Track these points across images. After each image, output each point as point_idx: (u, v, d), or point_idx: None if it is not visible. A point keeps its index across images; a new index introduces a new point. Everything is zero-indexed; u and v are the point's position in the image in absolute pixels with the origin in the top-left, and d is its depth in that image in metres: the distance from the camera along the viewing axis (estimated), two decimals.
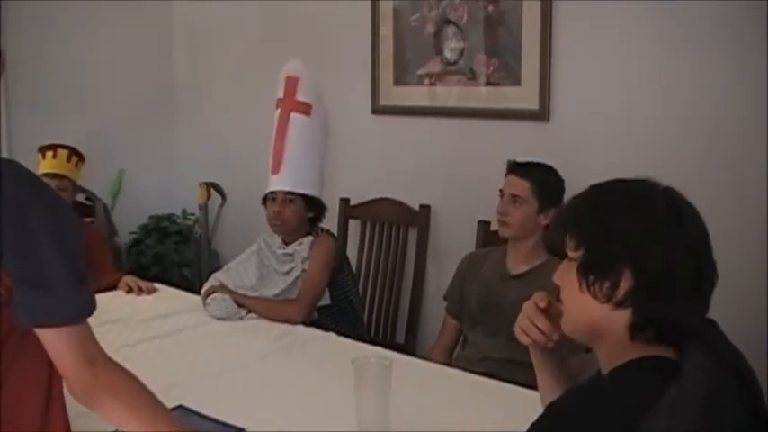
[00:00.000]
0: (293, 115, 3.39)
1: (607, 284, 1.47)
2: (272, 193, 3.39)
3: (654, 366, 1.44)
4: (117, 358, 2.72)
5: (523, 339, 1.79)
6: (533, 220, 3.06)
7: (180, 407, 2.31)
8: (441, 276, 3.95)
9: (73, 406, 1.80)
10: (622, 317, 1.47)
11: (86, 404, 1.66)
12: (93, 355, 1.65)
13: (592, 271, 1.49)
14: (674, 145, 3.31)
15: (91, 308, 1.68)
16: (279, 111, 3.44)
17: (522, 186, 3.06)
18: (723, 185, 3.18)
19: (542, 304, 1.73)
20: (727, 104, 3.24)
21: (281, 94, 3.45)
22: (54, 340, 1.62)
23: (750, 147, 3.16)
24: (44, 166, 3.94)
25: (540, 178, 3.07)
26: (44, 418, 1.71)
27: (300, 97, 3.41)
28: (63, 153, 3.96)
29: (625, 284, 1.45)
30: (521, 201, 3.05)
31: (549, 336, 1.74)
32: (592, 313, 1.51)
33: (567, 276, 1.56)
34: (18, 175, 1.60)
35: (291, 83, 3.43)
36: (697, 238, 1.49)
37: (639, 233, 1.45)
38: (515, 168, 3.12)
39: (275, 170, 3.38)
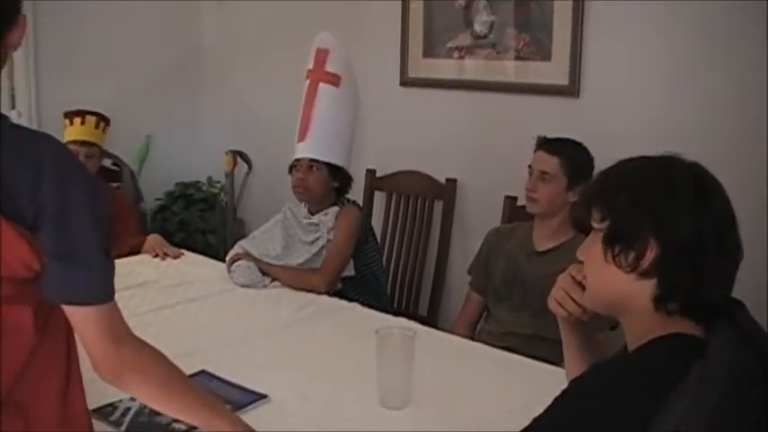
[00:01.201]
0: (321, 85, 3.38)
1: (632, 254, 1.47)
2: (296, 160, 3.39)
3: (680, 344, 1.44)
4: (141, 323, 2.77)
5: (558, 311, 1.78)
6: (562, 197, 3.04)
7: (203, 372, 2.33)
8: (465, 250, 3.94)
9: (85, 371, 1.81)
10: (647, 288, 1.48)
11: (113, 382, 1.66)
12: (121, 333, 1.64)
13: (617, 241, 1.50)
14: (704, 128, 3.27)
15: (114, 290, 1.66)
16: (308, 81, 3.43)
17: (551, 163, 3.04)
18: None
19: (579, 277, 1.72)
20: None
21: (310, 65, 3.44)
22: (83, 318, 1.61)
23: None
24: (72, 132, 3.95)
25: (570, 155, 3.05)
26: (64, 396, 1.71)
27: (330, 68, 3.40)
28: (91, 120, 3.98)
29: (650, 254, 1.46)
30: (549, 177, 3.03)
31: (583, 308, 1.73)
32: (616, 284, 1.52)
33: (591, 249, 1.57)
34: (57, 152, 1.59)
35: (321, 54, 3.42)
36: (722, 212, 1.48)
37: (665, 203, 1.46)
38: (545, 144, 3.09)
39: (301, 138, 3.38)
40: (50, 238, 1.54)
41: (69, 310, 1.61)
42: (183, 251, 3.77)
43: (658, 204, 1.46)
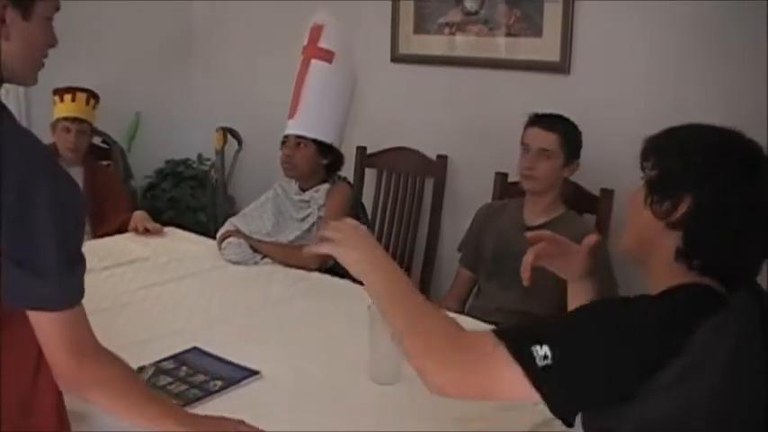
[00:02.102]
0: (314, 61, 3.36)
1: (667, 204, 1.56)
2: (285, 136, 3.38)
3: (705, 292, 1.52)
4: (133, 300, 2.78)
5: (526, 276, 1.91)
6: (558, 173, 3.05)
7: (194, 349, 2.34)
8: (456, 227, 3.94)
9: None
10: (672, 239, 1.55)
11: (72, 394, 1.65)
12: (82, 344, 1.61)
13: (657, 188, 1.59)
14: (698, 104, 3.28)
15: (81, 294, 1.62)
16: (302, 57, 3.42)
17: (550, 139, 3.03)
18: None
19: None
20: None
21: (305, 42, 3.43)
22: (41, 325, 1.58)
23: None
24: (62, 109, 3.95)
25: (567, 131, 3.05)
26: (32, 389, 1.68)
27: (323, 44, 3.38)
28: (82, 96, 3.97)
29: (683, 208, 1.54)
30: (548, 154, 3.03)
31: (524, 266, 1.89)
32: (647, 230, 1.60)
33: (636, 195, 1.65)
34: (30, 148, 1.57)
35: (316, 31, 3.40)
36: (764, 193, 1.53)
37: (709, 164, 1.54)
38: (540, 121, 3.08)
39: (291, 115, 3.37)
40: (8, 239, 1.51)
41: (30, 315, 1.58)
42: (173, 229, 3.77)
43: (702, 164, 1.54)
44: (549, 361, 1.41)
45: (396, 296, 1.66)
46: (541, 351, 1.42)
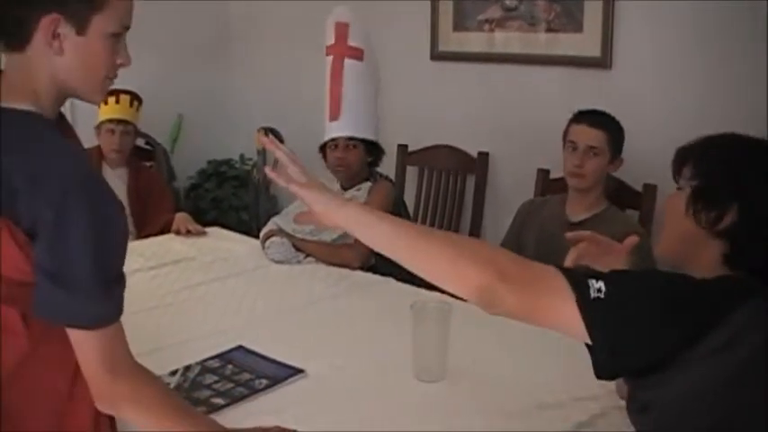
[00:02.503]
0: (347, 61, 3.36)
1: (713, 214, 1.56)
2: (333, 139, 3.38)
3: (748, 280, 1.53)
4: (177, 299, 2.81)
5: None
6: (605, 171, 3.03)
7: (240, 347, 2.36)
8: (498, 224, 3.94)
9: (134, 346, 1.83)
10: (718, 247, 1.57)
11: (105, 410, 1.64)
12: (116, 361, 1.60)
13: (702, 198, 1.58)
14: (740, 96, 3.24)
15: (117, 313, 1.62)
16: (331, 57, 3.41)
17: (598, 137, 3.00)
18: None
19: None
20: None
21: (331, 41, 3.41)
22: (76, 341, 1.58)
23: None
24: (107, 111, 3.99)
25: (613, 128, 3.02)
26: (62, 416, 1.67)
27: (352, 42, 3.38)
28: (126, 98, 4.02)
29: (729, 218, 1.55)
30: (596, 151, 3.00)
31: None
32: (690, 238, 1.61)
33: (674, 201, 1.65)
34: (71, 165, 1.56)
35: (342, 28, 3.39)
36: None
37: (756, 176, 1.55)
38: (588, 118, 3.05)
39: (334, 116, 3.37)
40: (42, 251, 1.52)
41: (68, 330, 1.58)
42: (208, 229, 3.80)
43: (749, 175, 1.56)
44: (601, 294, 1.43)
45: (417, 227, 1.66)
46: (597, 284, 1.44)
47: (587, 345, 1.46)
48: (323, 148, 3.46)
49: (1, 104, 1.61)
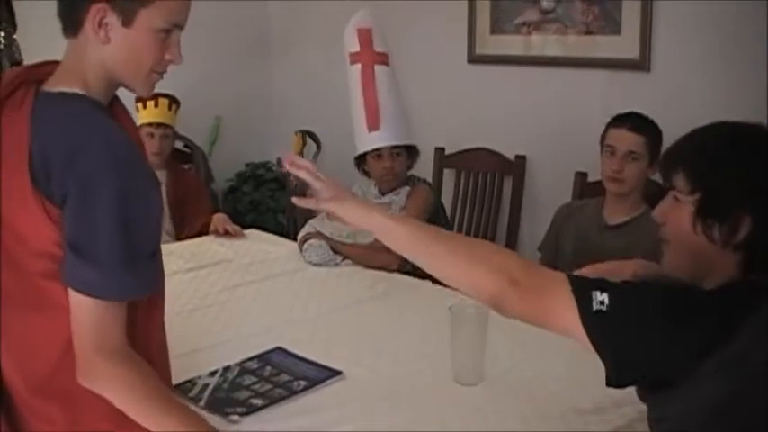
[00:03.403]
0: (377, 67, 3.36)
1: (725, 228, 1.47)
2: (377, 150, 3.36)
3: (759, 286, 1.47)
4: (216, 301, 2.83)
5: None
6: (644, 175, 3.00)
7: (278, 349, 2.37)
8: (535, 228, 3.93)
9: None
10: (734, 258, 1.49)
11: (83, 383, 1.64)
12: (105, 339, 1.62)
13: (709, 213, 1.49)
14: None
15: (136, 291, 1.65)
16: (359, 65, 3.38)
17: (638, 142, 2.96)
18: None
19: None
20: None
21: (355, 48, 3.39)
22: (76, 309, 1.61)
23: None
24: (146, 115, 4.03)
25: (653, 133, 2.98)
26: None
27: (378, 48, 3.37)
28: (164, 102, 4.05)
29: (744, 230, 1.46)
30: (635, 156, 2.96)
31: None
32: (703, 255, 1.52)
33: (675, 216, 1.57)
34: (101, 143, 1.59)
35: (365, 34, 3.38)
36: None
37: (761, 176, 1.46)
38: (627, 122, 3.00)
39: (374, 126, 3.33)
40: (68, 223, 1.57)
41: (70, 296, 1.61)
42: (246, 231, 3.82)
43: (755, 179, 1.46)
44: (603, 307, 1.44)
45: (437, 234, 1.69)
46: (600, 296, 1.44)
47: None
48: (360, 157, 3.46)
49: (52, 88, 1.69)
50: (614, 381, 1.47)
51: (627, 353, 1.45)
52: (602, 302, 1.44)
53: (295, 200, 1.80)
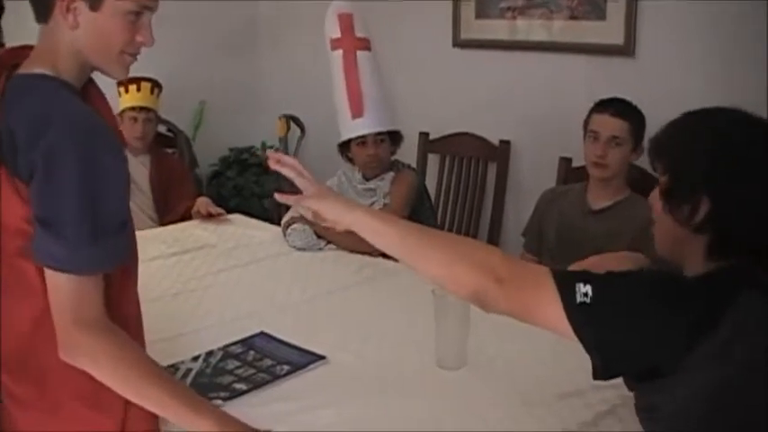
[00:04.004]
0: (359, 53, 3.34)
1: (686, 209, 1.52)
2: (361, 137, 3.35)
3: (739, 271, 1.50)
4: (200, 286, 2.82)
5: None
6: (627, 160, 3.01)
7: (261, 333, 2.37)
8: (519, 213, 3.93)
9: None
10: (700, 240, 1.53)
11: (66, 359, 1.64)
12: (85, 314, 1.62)
13: (673, 195, 1.55)
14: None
15: (107, 263, 1.65)
16: (341, 51, 3.36)
17: (621, 127, 2.97)
18: None
19: None
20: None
21: (336, 34, 3.37)
22: (51, 284, 1.62)
23: None
24: (128, 99, 4.01)
25: (636, 118, 2.99)
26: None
27: (359, 33, 3.35)
28: (146, 85, 4.03)
29: (703, 210, 1.49)
30: (619, 141, 2.97)
31: None
32: (672, 235, 1.58)
33: (654, 199, 1.62)
34: (64, 121, 1.61)
35: (346, 20, 3.35)
36: None
37: (721, 160, 1.50)
38: (610, 107, 3.01)
39: (358, 113, 3.31)
40: (35, 198, 1.58)
41: (45, 273, 1.62)
42: (230, 216, 3.81)
43: (713, 162, 1.50)
44: (587, 299, 1.45)
45: (418, 231, 1.71)
46: (584, 288, 1.46)
47: None
48: (344, 144, 3.45)
49: (24, 71, 1.71)
50: (601, 373, 1.48)
51: (612, 344, 1.46)
52: (585, 294, 1.45)
53: (278, 196, 1.82)
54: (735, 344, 1.40)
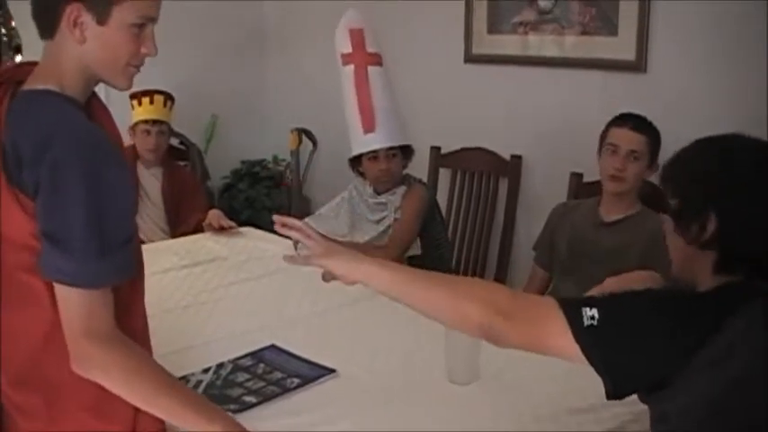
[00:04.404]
0: (371, 68, 3.35)
1: (694, 227, 1.57)
2: (373, 151, 3.35)
3: (744, 286, 1.54)
4: (211, 298, 2.83)
5: None
6: (643, 175, 3.01)
7: (272, 346, 2.37)
8: (531, 228, 3.93)
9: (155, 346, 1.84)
10: (708, 256, 1.57)
11: (79, 372, 1.65)
12: (96, 326, 1.63)
13: (680, 215, 1.61)
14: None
15: (114, 277, 1.66)
16: (352, 66, 3.37)
17: (640, 141, 2.97)
18: None
19: None
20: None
21: (347, 49, 3.38)
22: (61, 298, 1.63)
23: None
24: (141, 112, 4.03)
25: (654, 134, 3.00)
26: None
27: (370, 48, 3.37)
28: (159, 98, 4.06)
29: (710, 228, 1.55)
30: (637, 155, 2.97)
31: None
32: (682, 253, 1.63)
33: (665, 223, 1.68)
34: (68, 136, 1.63)
35: (357, 35, 3.37)
36: None
37: (726, 179, 1.56)
38: (630, 122, 3.01)
39: (370, 128, 3.33)
40: (41, 214, 1.60)
41: (55, 288, 1.63)
42: (242, 229, 3.81)
43: (718, 181, 1.57)
44: (594, 321, 1.49)
45: (425, 276, 1.78)
46: (590, 312, 1.50)
47: None
48: (355, 159, 3.45)
49: (29, 87, 1.73)
50: (613, 393, 1.52)
51: (622, 364, 1.50)
52: (592, 317, 1.50)
53: (286, 258, 1.96)
54: (736, 348, 1.44)
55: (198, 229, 3.80)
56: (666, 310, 1.51)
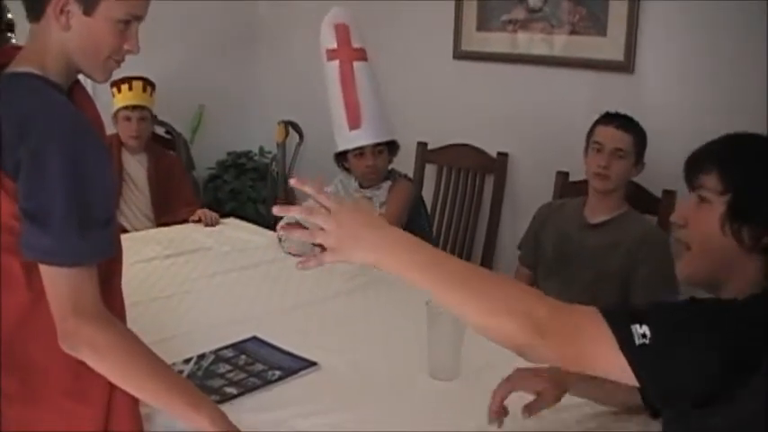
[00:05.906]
0: (356, 64, 3.34)
1: (754, 230, 1.47)
2: (359, 148, 3.35)
3: None
4: (194, 288, 2.82)
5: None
6: (629, 174, 3.02)
7: (254, 338, 2.37)
8: (515, 225, 3.93)
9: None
10: (757, 261, 1.48)
11: (67, 351, 1.65)
12: (83, 304, 1.63)
13: (740, 214, 1.48)
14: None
15: (92, 256, 1.66)
16: (337, 62, 3.35)
17: (625, 140, 2.99)
18: None
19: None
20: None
21: (332, 44, 3.36)
22: (46, 279, 1.63)
23: None
24: (122, 99, 4.01)
25: (639, 133, 3.02)
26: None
27: (356, 44, 3.35)
28: (138, 84, 4.03)
29: None
30: (622, 154, 2.99)
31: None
32: (728, 256, 1.51)
33: (698, 215, 1.55)
34: (54, 112, 1.65)
35: (343, 30, 3.35)
36: None
37: None
38: (616, 120, 3.04)
39: (355, 124, 3.32)
40: (21, 192, 1.60)
41: (40, 268, 1.64)
42: (226, 219, 3.82)
43: None
44: (646, 340, 1.37)
45: (448, 276, 1.54)
46: (641, 330, 1.37)
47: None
48: (341, 154, 3.45)
49: (10, 70, 1.74)
50: (660, 410, 1.47)
51: (675, 382, 1.39)
52: (643, 335, 1.37)
53: (300, 266, 1.66)
54: None
55: (184, 221, 3.79)
56: (719, 328, 1.39)
